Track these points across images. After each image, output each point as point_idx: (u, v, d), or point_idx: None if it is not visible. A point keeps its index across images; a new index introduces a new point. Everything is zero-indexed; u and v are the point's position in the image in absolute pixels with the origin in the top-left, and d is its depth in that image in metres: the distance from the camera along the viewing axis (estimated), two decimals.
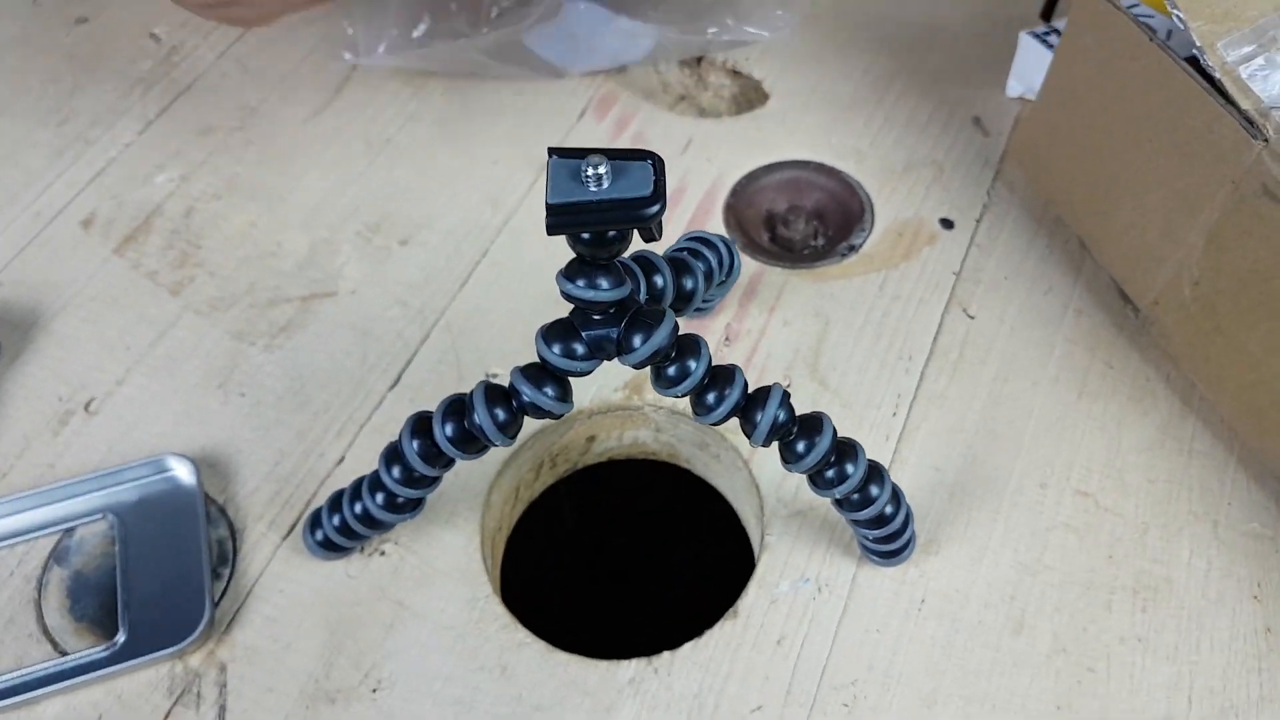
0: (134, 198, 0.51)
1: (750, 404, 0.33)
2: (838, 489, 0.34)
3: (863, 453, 0.35)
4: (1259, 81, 0.37)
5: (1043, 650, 0.37)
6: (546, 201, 0.28)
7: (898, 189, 0.51)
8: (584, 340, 0.32)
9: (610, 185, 0.28)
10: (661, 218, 0.29)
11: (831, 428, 0.34)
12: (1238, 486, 0.41)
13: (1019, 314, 0.46)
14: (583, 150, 0.29)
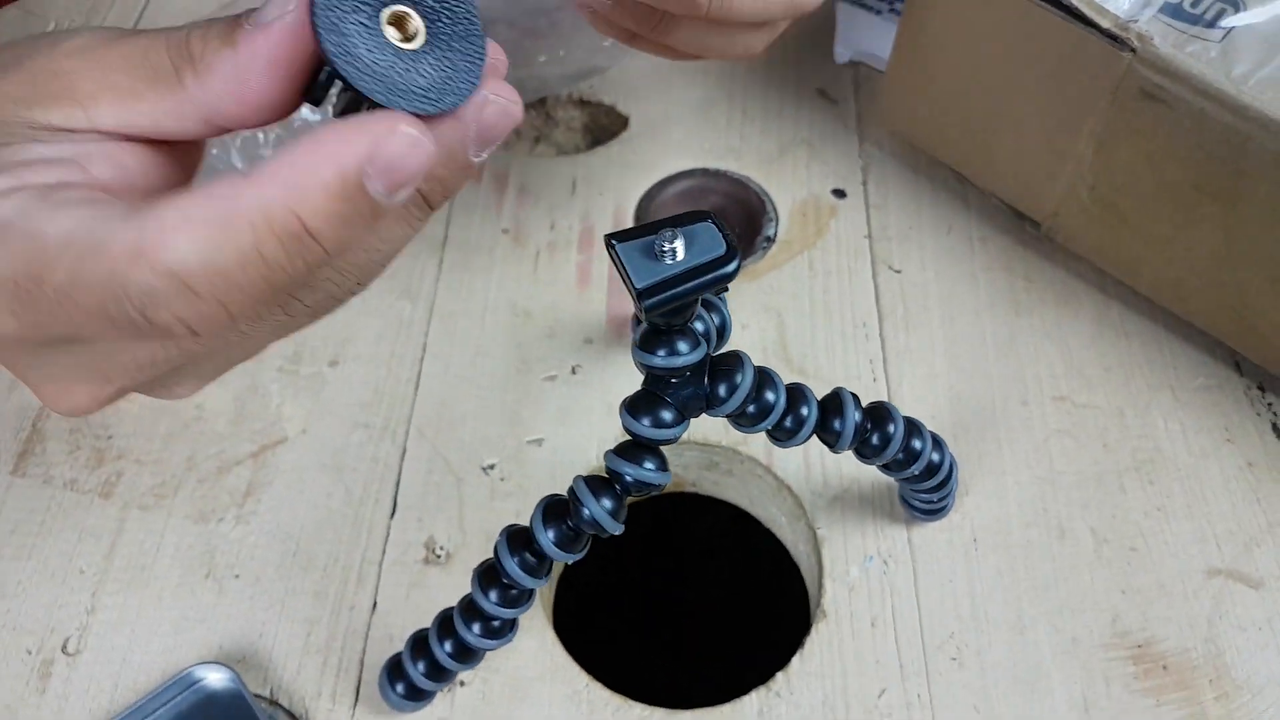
0: (8, 408, 0.44)
1: (824, 415, 0.34)
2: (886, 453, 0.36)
3: (897, 412, 0.36)
4: (1110, 2, 0.42)
5: (1088, 547, 0.41)
6: (635, 288, 0.28)
7: (782, 174, 0.53)
8: (671, 405, 0.31)
9: (687, 253, 0.28)
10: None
11: (897, 412, 0.35)
12: (1176, 352, 0.46)
13: (935, 257, 0.50)
14: (641, 229, 0.29)
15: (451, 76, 0.23)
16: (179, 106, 0.24)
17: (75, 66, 0.25)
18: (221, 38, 0.24)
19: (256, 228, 0.21)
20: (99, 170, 0.25)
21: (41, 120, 0.25)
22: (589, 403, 0.45)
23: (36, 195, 0.23)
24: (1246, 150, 0.39)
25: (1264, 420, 0.44)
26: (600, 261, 0.49)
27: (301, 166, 0.21)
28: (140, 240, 0.21)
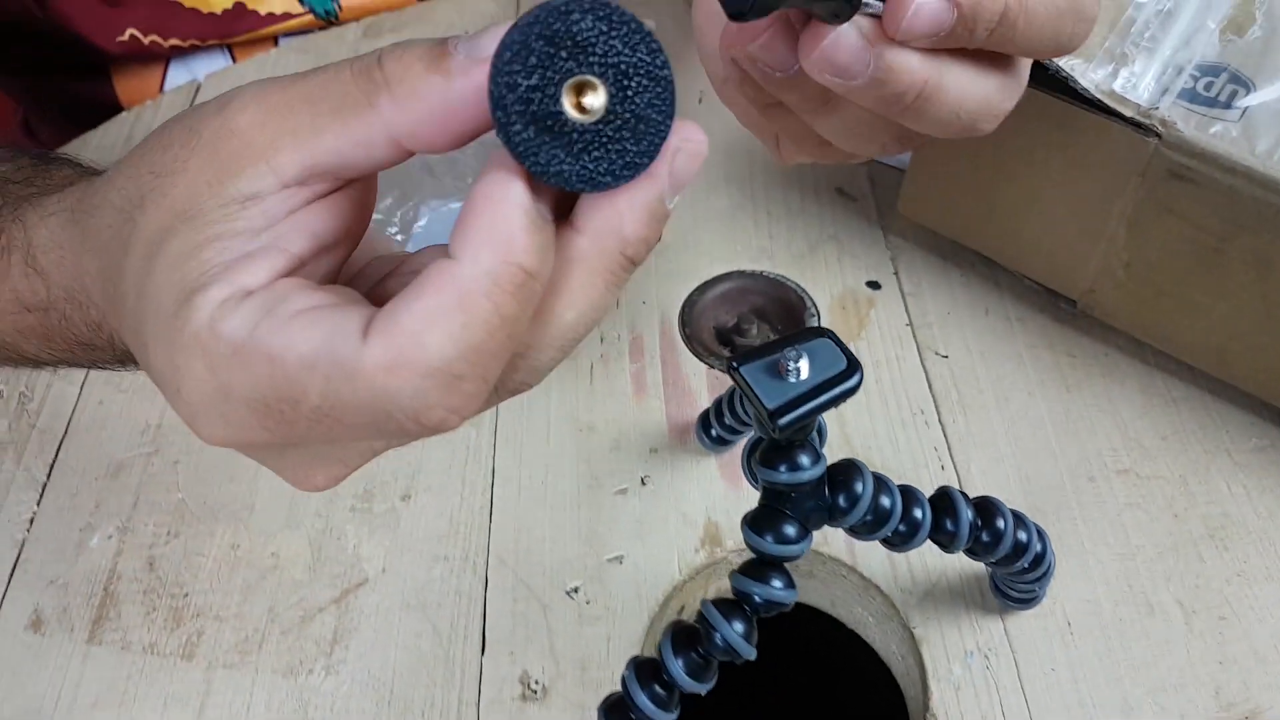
0: (76, 574, 0.43)
1: (936, 516, 0.34)
2: (998, 550, 0.36)
3: (1004, 505, 0.36)
4: (1130, 91, 0.44)
5: (1179, 620, 0.41)
6: (767, 409, 0.28)
7: (816, 270, 0.54)
8: (794, 519, 0.32)
9: (811, 370, 0.29)
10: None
11: (1004, 505, 0.36)
12: (1225, 416, 0.47)
13: (978, 340, 0.51)
14: (763, 348, 0.29)
15: (636, 143, 0.22)
16: (367, 131, 0.24)
17: (250, 120, 0.24)
18: (427, 63, 0.23)
19: (491, 293, 0.22)
20: (295, 244, 0.25)
21: (231, 193, 0.25)
22: (663, 514, 0.45)
23: (260, 308, 0.24)
24: (1278, 220, 0.41)
25: None
26: (653, 369, 0.50)
27: (496, 220, 0.22)
28: (393, 353, 0.22)
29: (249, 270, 0.24)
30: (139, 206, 0.26)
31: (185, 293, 0.24)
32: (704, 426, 0.45)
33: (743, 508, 0.45)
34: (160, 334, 0.25)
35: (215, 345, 0.23)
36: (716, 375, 0.50)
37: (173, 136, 0.26)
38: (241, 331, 0.23)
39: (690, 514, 0.45)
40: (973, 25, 0.27)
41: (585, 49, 0.21)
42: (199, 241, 0.25)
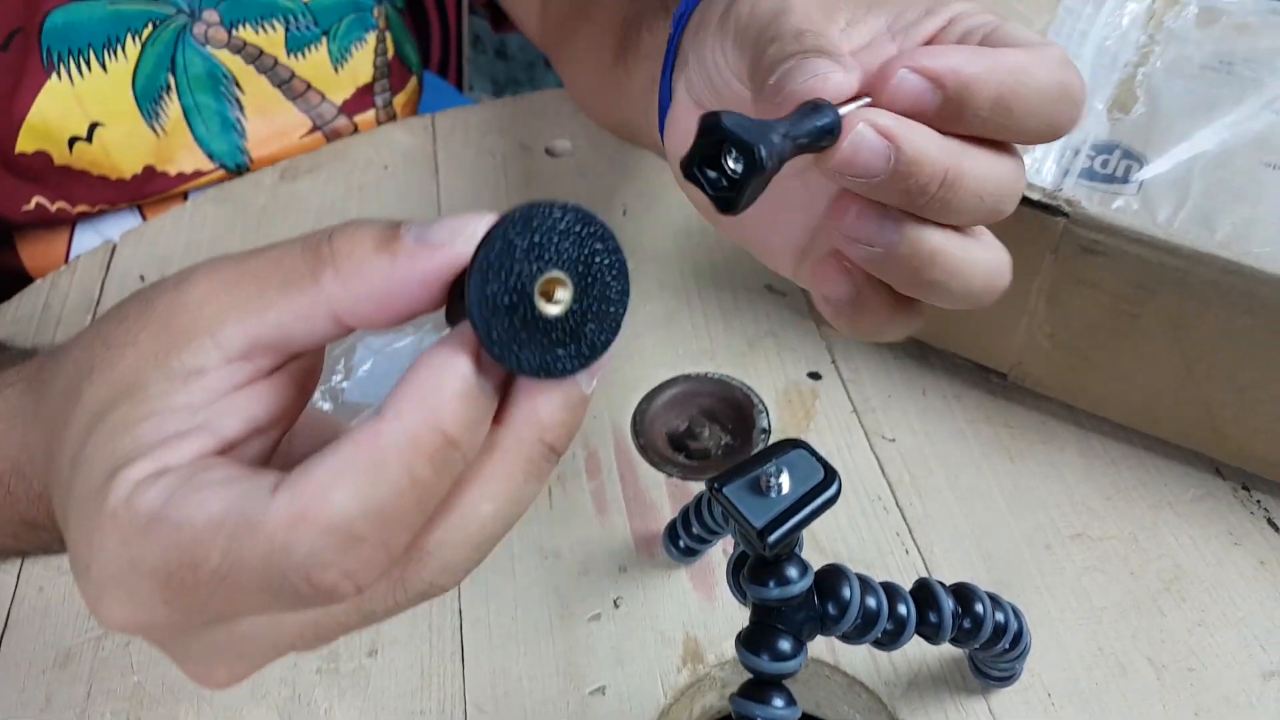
0: None
1: (919, 608, 0.35)
2: (980, 635, 0.37)
3: (979, 589, 0.37)
4: (1035, 176, 0.47)
5: (1151, 676, 0.43)
6: (755, 528, 0.29)
7: (757, 366, 0.55)
8: (787, 633, 0.32)
9: (792, 483, 0.30)
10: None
11: (979, 589, 0.36)
12: (1162, 470, 0.50)
13: (920, 421, 0.53)
14: (740, 467, 0.30)
15: (595, 334, 0.23)
16: (311, 307, 0.24)
17: (202, 293, 0.25)
18: (376, 244, 0.24)
19: (405, 457, 0.22)
20: (227, 427, 0.25)
21: (175, 367, 0.25)
22: (640, 636, 0.45)
23: (178, 480, 0.23)
24: (1187, 283, 0.44)
25: (1259, 518, 0.47)
26: (612, 484, 0.50)
27: (429, 386, 0.22)
28: (296, 506, 0.22)
29: (175, 449, 0.24)
30: (87, 378, 0.26)
31: (114, 467, 0.24)
32: (672, 538, 0.45)
33: (719, 618, 0.45)
34: (82, 509, 0.24)
35: (129, 519, 0.23)
36: (676, 484, 0.50)
37: (129, 309, 0.26)
38: (156, 503, 0.23)
39: (668, 632, 0.45)
40: (964, 106, 0.27)
41: (558, 247, 0.22)
42: (137, 417, 0.24)
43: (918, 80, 0.27)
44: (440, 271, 0.23)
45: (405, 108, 0.80)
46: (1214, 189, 0.43)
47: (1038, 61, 0.28)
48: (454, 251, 0.23)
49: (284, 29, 0.69)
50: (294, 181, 0.70)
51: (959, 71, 0.27)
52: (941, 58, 0.28)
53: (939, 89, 0.27)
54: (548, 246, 0.22)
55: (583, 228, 0.23)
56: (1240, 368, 0.44)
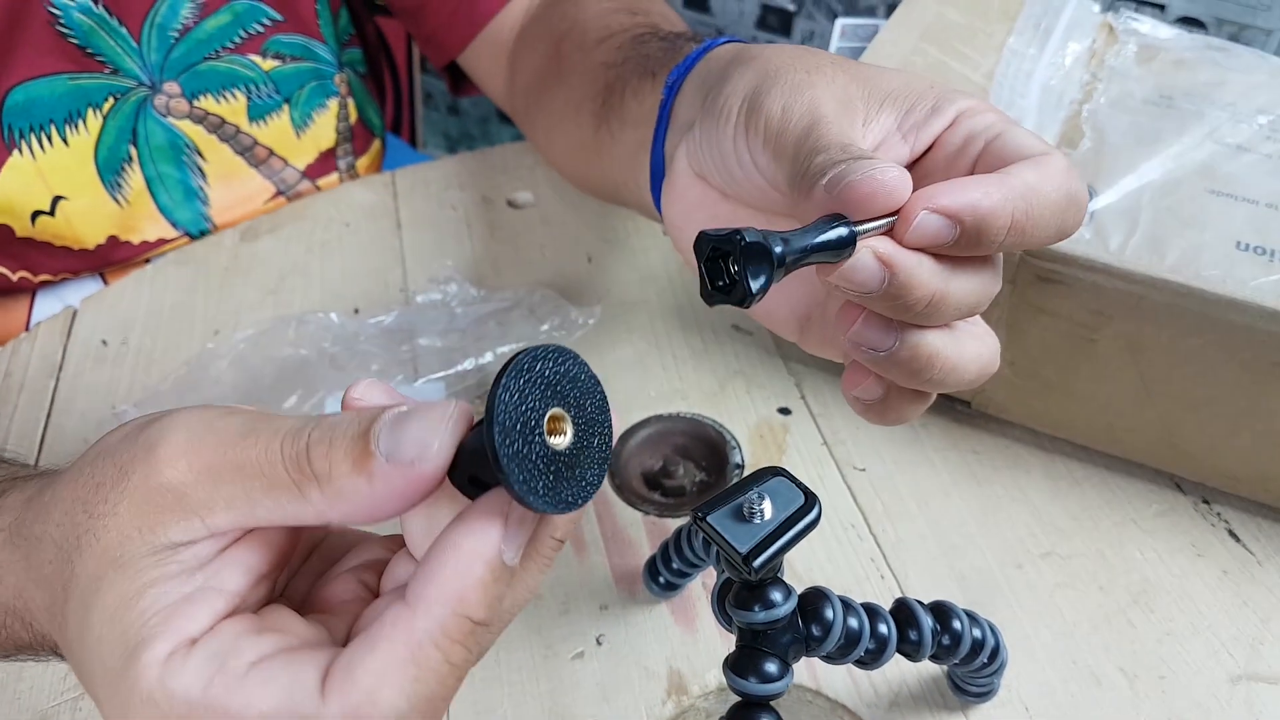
0: None
1: (899, 627, 0.36)
2: (959, 651, 0.38)
3: (955, 606, 0.38)
4: None
5: (1124, 686, 0.44)
6: (740, 553, 0.30)
7: (729, 404, 0.56)
8: (773, 656, 0.33)
9: (774, 509, 0.30)
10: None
11: (955, 606, 0.37)
12: (1124, 488, 0.51)
13: (889, 450, 0.54)
14: (723, 496, 0.31)
15: (591, 466, 0.26)
16: (299, 513, 0.26)
17: (183, 479, 0.26)
18: (352, 464, 0.25)
19: (441, 645, 0.24)
20: (231, 582, 0.26)
21: (163, 541, 0.26)
22: (625, 671, 0.45)
23: (210, 661, 0.25)
24: (1141, 307, 0.45)
25: (1220, 529, 0.49)
26: (590, 524, 0.51)
27: (454, 576, 0.24)
28: (349, 711, 0.24)
29: (189, 616, 0.25)
30: (75, 548, 0.27)
31: (129, 648, 0.25)
32: (652, 574, 0.46)
33: (701, 650, 0.46)
34: (111, 692, 0.25)
35: (169, 705, 0.24)
36: (653, 521, 0.51)
37: (103, 475, 0.27)
38: (195, 689, 0.24)
39: (651, 667, 0.45)
40: (981, 236, 0.28)
41: (558, 388, 0.25)
42: (134, 591, 0.26)
43: (938, 220, 0.28)
44: (415, 490, 0.25)
45: (368, 169, 0.81)
46: (1162, 216, 0.46)
47: (1046, 178, 0.29)
48: (426, 470, 0.25)
49: (245, 98, 0.70)
50: (255, 242, 0.70)
51: (976, 208, 0.28)
52: (958, 194, 0.28)
53: (957, 225, 0.28)
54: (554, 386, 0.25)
55: (578, 369, 0.25)
56: (1195, 386, 0.46)
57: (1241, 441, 0.47)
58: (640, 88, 0.45)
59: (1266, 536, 0.48)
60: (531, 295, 0.61)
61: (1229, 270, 0.44)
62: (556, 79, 0.57)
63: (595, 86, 0.51)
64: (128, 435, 0.27)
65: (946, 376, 0.31)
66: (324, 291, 0.65)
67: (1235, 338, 0.44)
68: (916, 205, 0.29)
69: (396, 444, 0.25)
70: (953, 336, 0.31)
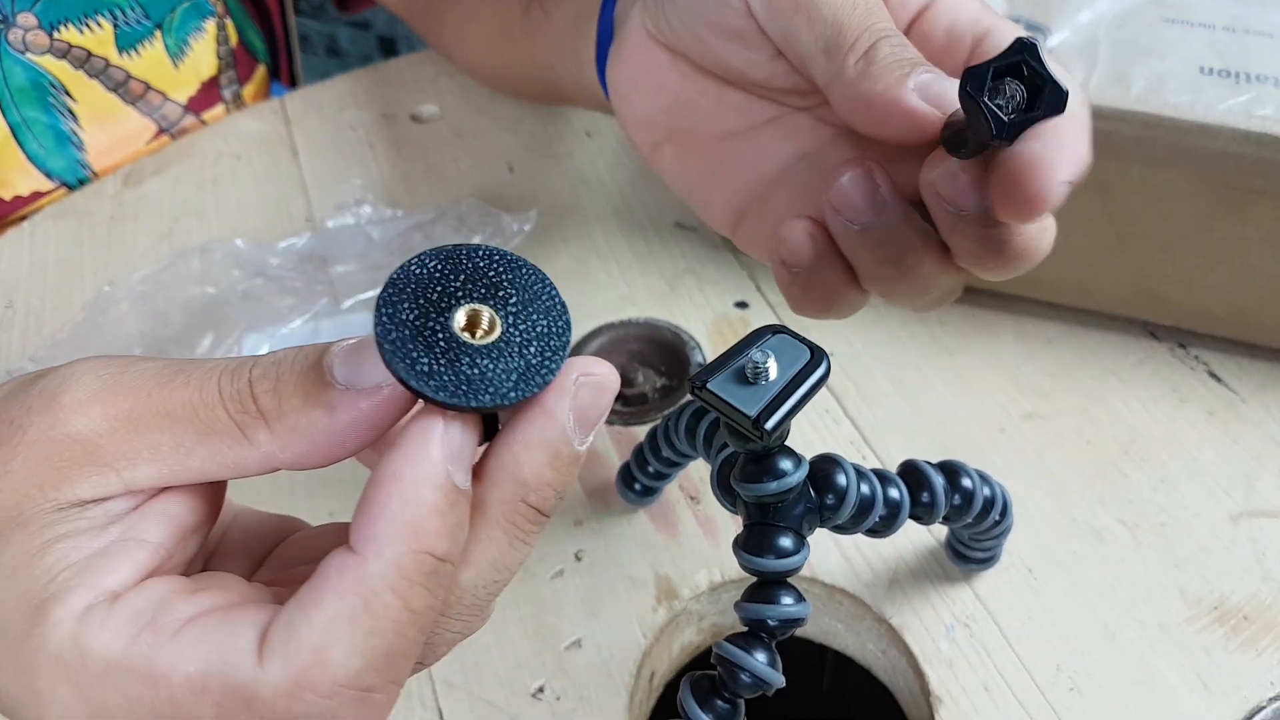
0: None
1: (910, 489, 0.33)
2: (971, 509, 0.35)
3: (963, 464, 0.36)
4: None
5: (1126, 537, 0.42)
6: (750, 416, 0.27)
7: (682, 305, 0.53)
8: (787, 530, 0.30)
9: (780, 366, 0.27)
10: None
11: (965, 464, 0.35)
12: (1099, 342, 0.50)
13: (856, 331, 0.51)
14: (720, 361, 0.28)
15: (533, 364, 0.22)
16: (242, 460, 0.22)
17: (95, 427, 0.22)
18: (306, 399, 0.22)
19: (399, 589, 0.20)
20: (154, 533, 0.22)
21: (69, 497, 0.22)
22: (609, 583, 0.42)
23: (135, 617, 0.21)
24: (1109, 144, 0.43)
25: (1200, 372, 0.48)
26: None
27: (403, 504, 0.20)
28: (292, 673, 0.20)
29: (109, 569, 0.21)
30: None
31: (34, 605, 0.21)
32: (626, 482, 0.43)
33: (686, 553, 0.43)
34: (11, 657, 0.21)
35: (84, 664, 0.20)
36: (619, 431, 0.48)
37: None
38: (115, 646, 0.20)
39: (637, 575, 0.42)
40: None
41: (481, 282, 0.22)
42: (38, 546, 0.21)
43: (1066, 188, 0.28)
44: (384, 417, 0.22)
45: (255, 98, 0.75)
46: (1121, 48, 0.43)
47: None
48: (395, 394, 0.22)
49: (112, 25, 0.63)
50: (139, 186, 0.64)
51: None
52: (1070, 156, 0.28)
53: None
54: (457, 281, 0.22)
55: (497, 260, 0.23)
56: (1167, 224, 0.45)
57: (1217, 277, 0.45)
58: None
59: (1247, 374, 0.47)
60: (456, 207, 0.56)
61: (1196, 95, 0.42)
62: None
63: None
64: (18, 387, 0.23)
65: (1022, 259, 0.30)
66: (223, 229, 0.60)
67: (1207, 166, 0.42)
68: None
69: (356, 370, 0.22)
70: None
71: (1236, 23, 0.45)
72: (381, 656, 0.20)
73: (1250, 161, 0.42)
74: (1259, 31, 0.44)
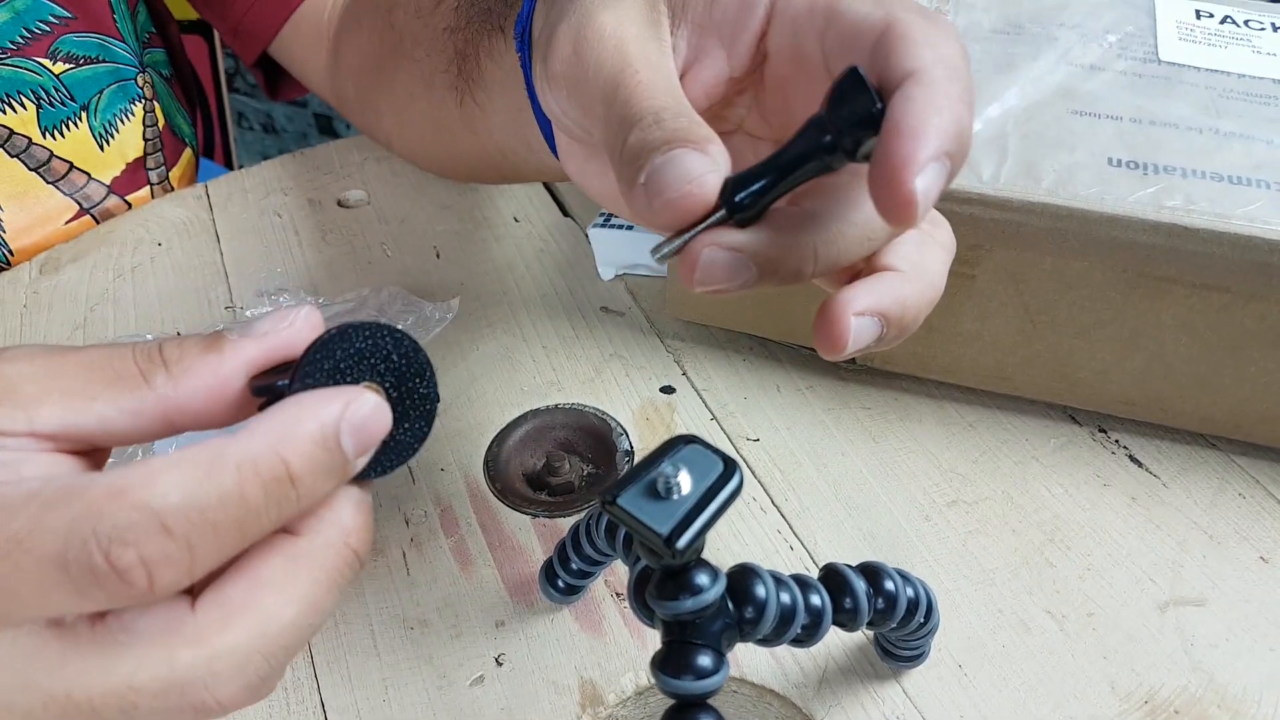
0: None
1: (832, 596, 0.33)
2: (894, 613, 0.35)
3: (885, 565, 0.35)
4: None
5: (1054, 629, 0.42)
6: (661, 535, 0.26)
7: (609, 390, 0.52)
8: (705, 648, 0.29)
9: (693, 479, 0.27)
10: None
11: (885, 565, 0.35)
12: (1019, 426, 0.50)
13: (780, 416, 0.51)
14: (631, 475, 0.27)
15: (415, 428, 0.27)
16: (139, 404, 0.25)
17: (20, 370, 0.25)
18: (203, 345, 0.25)
19: (243, 469, 0.22)
20: (30, 474, 0.24)
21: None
22: (531, 689, 0.41)
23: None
24: (1021, 235, 0.44)
25: (1121, 456, 0.48)
26: (473, 536, 0.46)
27: (288, 419, 0.23)
28: (120, 481, 0.21)
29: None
30: None
31: None
32: (549, 579, 0.42)
33: (612, 655, 0.42)
34: None
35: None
36: (543, 523, 0.46)
37: None
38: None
39: (560, 680, 0.41)
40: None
41: (373, 360, 0.26)
42: None
43: (872, 323, 0.28)
44: (268, 358, 0.25)
45: (182, 181, 0.73)
46: (1031, 141, 0.44)
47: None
48: (279, 338, 0.25)
49: (35, 106, 0.62)
50: (56, 274, 0.62)
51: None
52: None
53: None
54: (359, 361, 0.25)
55: (398, 342, 0.26)
56: (1082, 312, 0.45)
57: (1134, 364, 0.46)
58: (493, 48, 0.41)
59: (1167, 458, 0.48)
60: (378, 294, 0.55)
61: (1105, 187, 0.43)
62: (396, 56, 0.52)
63: (444, 57, 0.46)
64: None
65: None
66: (140, 319, 0.58)
67: (1119, 255, 0.43)
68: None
69: (249, 327, 0.25)
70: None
71: (1142, 114, 0.46)
72: (195, 509, 0.21)
73: (1161, 251, 0.42)
74: (1164, 123, 0.45)
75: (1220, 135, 0.44)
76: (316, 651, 0.42)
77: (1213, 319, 0.44)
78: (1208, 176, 0.43)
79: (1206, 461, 0.48)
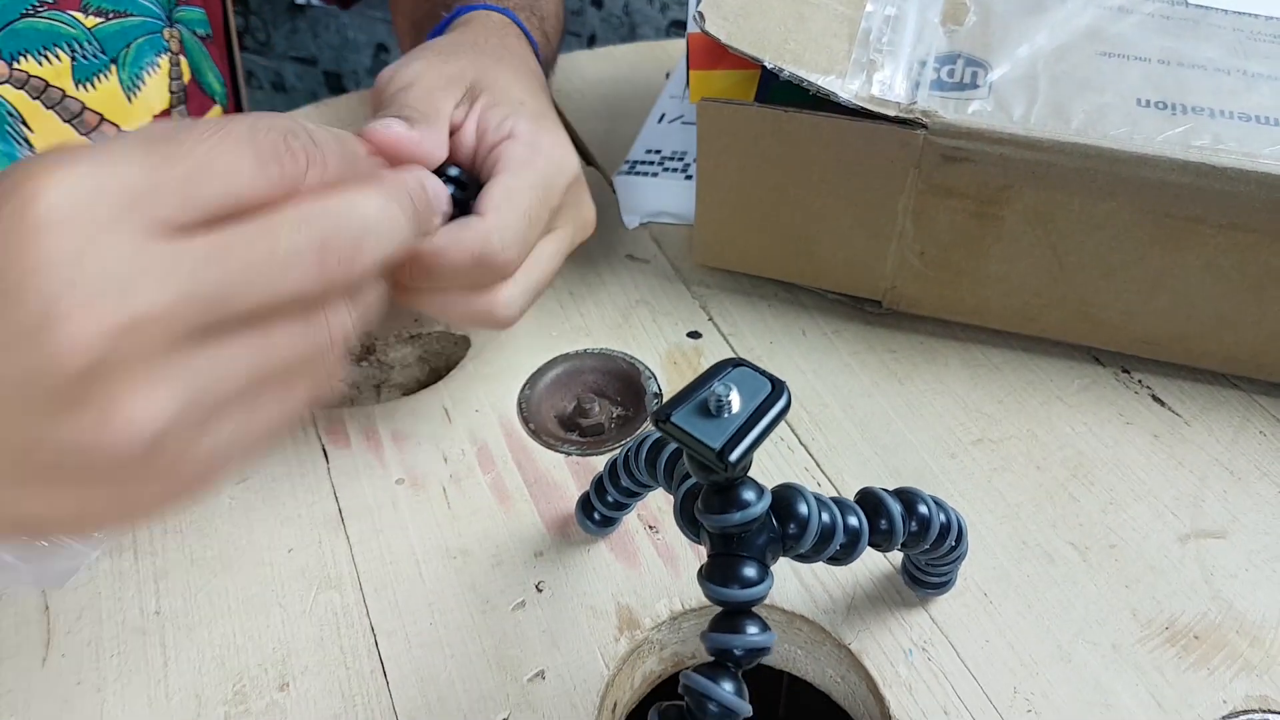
0: None
1: (868, 517, 0.34)
2: (928, 535, 0.36)
3: (919, 490, 0.36)
4: (887, 93, 0.47)
5: (1077, 560, 0.43)
6: (714, 449, 0.27)
7: (636, 336, 0.53)
8: (750, 559, 0.30)
9: (743, 399, 0.28)
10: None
11: (920, 490, 0.36)
12: (1044, 367, 0.51)
13: (806, 360, 0.52)
14: (683, 394, 0.28)
15: None
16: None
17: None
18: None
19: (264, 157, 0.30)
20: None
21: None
22: (571, 614, 0.42)
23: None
24: (1050, 175, 0.45)
25: (1144, 395, 0.49)
26: (510, 474, 0.47)
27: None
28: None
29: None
30: None
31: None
32: (586, 512, 0.43)
33: (646, 583, 0.43)
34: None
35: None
36: (577, 461, 0.48)
37: None
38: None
39: (598, 605, 0.42)
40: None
41: None
42: None
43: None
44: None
45: None
46: (1060, 82, 0.45)
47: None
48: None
49: (70, 58, 0.63)
50: None
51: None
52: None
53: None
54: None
55: None
56: (1109, 252, 0.46)
57: (1159, 304, 0.47)
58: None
59: (1189, 397, 0.49)
60: None
61: (1134, 127, 0.43)
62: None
63: (414, 17, 0.57)
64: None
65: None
66: None
67: (1146, 195, 0.44)
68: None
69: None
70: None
71: (1171, 56, 0.46)
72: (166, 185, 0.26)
73: (1189, 190, 0.43)
74: (1192, 64, 0.46)
75: (1248, 76, 0.45)
76: (364, 580, 0.43)
77: (1238, 259, 0.44)
78: (1235, 117, 0.43)
79: (1228, 400, 0.49)
